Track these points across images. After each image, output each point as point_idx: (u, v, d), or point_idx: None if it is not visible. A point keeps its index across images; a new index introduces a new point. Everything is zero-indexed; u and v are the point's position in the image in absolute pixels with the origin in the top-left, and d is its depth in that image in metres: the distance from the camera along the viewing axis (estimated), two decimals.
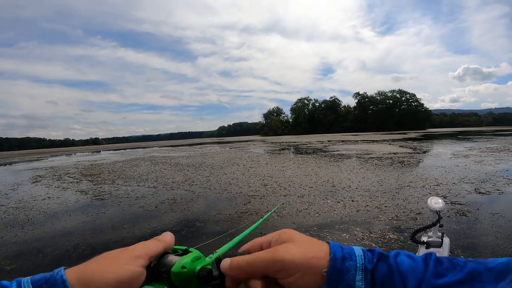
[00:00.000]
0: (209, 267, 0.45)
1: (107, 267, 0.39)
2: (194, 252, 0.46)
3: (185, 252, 0.47)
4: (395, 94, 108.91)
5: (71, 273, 0.37)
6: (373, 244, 3.47)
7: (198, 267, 0.43)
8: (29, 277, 0.38)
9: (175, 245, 0.48)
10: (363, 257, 0.37)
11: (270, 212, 1.01)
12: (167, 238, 0.46)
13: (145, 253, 0.42)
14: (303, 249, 0.38)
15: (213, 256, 0.50)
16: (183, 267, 0.42)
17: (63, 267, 0.39)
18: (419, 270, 0.35)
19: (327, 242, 0.40)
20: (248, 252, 0.43)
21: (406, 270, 0.35)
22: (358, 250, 0.39)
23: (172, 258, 0.45)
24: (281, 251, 0.39)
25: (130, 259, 0.40)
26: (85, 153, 40.56)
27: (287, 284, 0.38)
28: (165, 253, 0.46)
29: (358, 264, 0.37)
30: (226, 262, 0.41)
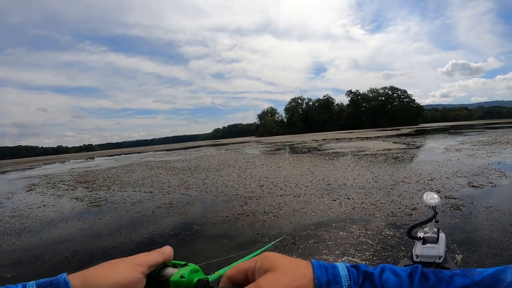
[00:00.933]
0: (206, 279, 0.47)
1: (109, 272, 0.41)
2: (192, 265, 0.49)
3: (184, 266, 0.49)
4: (387, 91, 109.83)
5: (73, 278, 0.40)
6: (370, 241, 3.51)
7: (196, 279, 0.46)
8: (34, 281, 0.40)
9: (174, 259, 0.51)
10: (348, 277, 0.35)
11: (270, 244, 1.02)
12: (167, 251, 0.49)
13: (145, 262, 0.45)
14: (286, 279, 0.35)
15: (213, 276, 0.51)
16: (181, 276, 0.45)
17: (65, 273, 0.41)
18: (404, 287, 0.33)
19: (310, 262, 0.37)
20: (230, 280, 0.42)
21: None
22: (342, 269, 0.36)
23: (171, 269, 0.47)
24: (264, 282, 0.36)
25: (131, 266, 0.43)
26: (79, 160, 40.19)
27: None
28: (164, 265, 0.48)
29: (344, 287, 0.34)
30: None
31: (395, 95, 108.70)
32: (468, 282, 0.31)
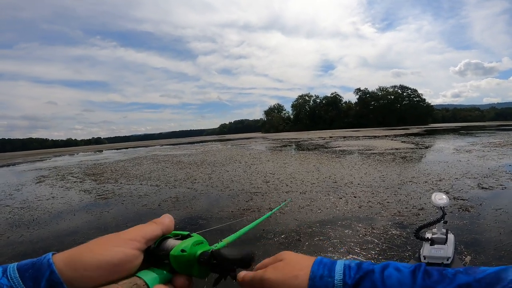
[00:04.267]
0: (210, 251, 0.43)
1: (97, 249, 0.38)
2: (196, 237, 0.44)
3: (187, 237, 0.45)
4: (396, 89, 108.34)
5: (59, 257, 0.37)
6: (376, 240, 3.48)
7: (199, 252, 0.42)
8: (16, 263, 0.37)
9: (176, 230, 0.46)
10: (342, 273, 0.37)
11: (277, 207, 1.01)
12: (166, 220, 0.45)
13: (141, 235, 0.41)
14: (285, 269, 0.41)
15: (219, 245, 0.48)
16: (182, 250, 0.41)
17: (51, 252, 0.38)
18: (406, 284, 0.34)
19: (315, 258, 0.42)
20: (260, 268, 0.47)
21: (392, 284, 0.34)
22: (339, 265, 0.39)
23: (172, 242, 0.43)
24: (269, 270, 0.42)
25: (123, 241, 0.39)
26: (87, 153, 40.70)
27: None
28: (165, 237, 0.44)
29: (335, 281, 0.36)
30: (240, 275, 0.45)
31: (405, 94, 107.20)
32: (470, 279, 0.32)
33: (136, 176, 10.84)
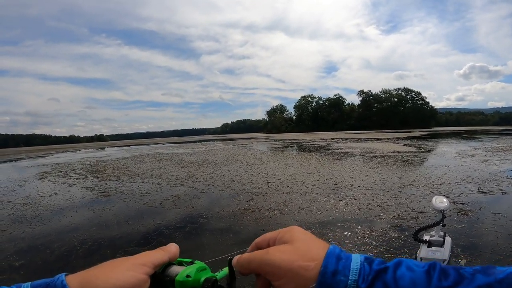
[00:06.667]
0: (214, 278, 0.45)
1: (110, 273, 0.39)
2: (199, 263, 0.47)
3: (190, 263, 0.48)
4: (400, 92, 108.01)
5: (72, 279, 0.38)
6: (374, 243, 3.51)
7: (203, 278, 0.44)
8: (29, 282, 0.38)
9: (180, 258, 0.49)
10: (358, 272, 0.34)
11: None
12: (172, 248, 0.47)
13: (150, 261, 0.43)
14: (294, 255, 0.37)
15: (220, 273, 0.49)
16: (187, 276, 0.43)
17: (64, 273, 0.39)
18: (420, 285, 0.31)
19: (328, 247, 0.38)
20: (257, 246, 0.44)
21: (405, 286, 0.31)
22: (356, 262, 0.35)
23: (176, 268, 0.46)
24: (272, 253, 0.38)
25: (134, 266, 0.41)
26: (90, 150, 40.81)
27: (276, 285, 0.38)
28: (170, 263, 0.47)
29: (349, 282, 0.33)
30: (235, 258, 0.44)
31: (408, 96, 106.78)
32: (491, 280, 0.29)
33: (137, 174, 10.91)
